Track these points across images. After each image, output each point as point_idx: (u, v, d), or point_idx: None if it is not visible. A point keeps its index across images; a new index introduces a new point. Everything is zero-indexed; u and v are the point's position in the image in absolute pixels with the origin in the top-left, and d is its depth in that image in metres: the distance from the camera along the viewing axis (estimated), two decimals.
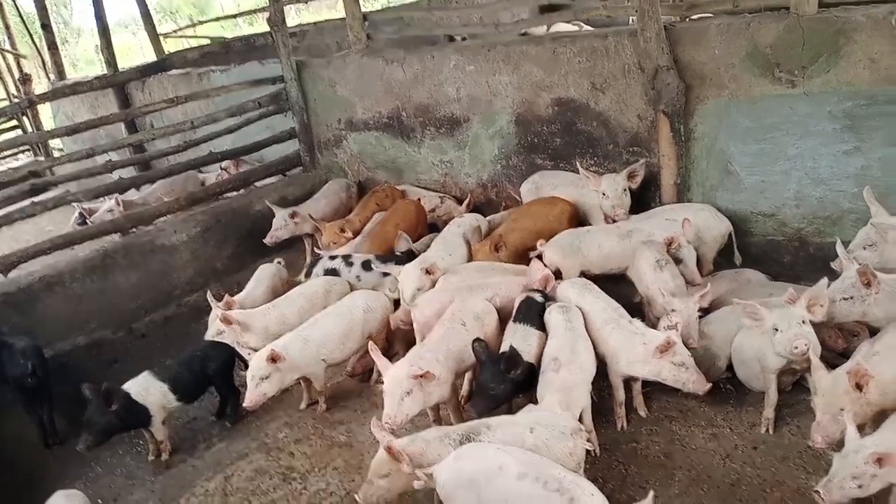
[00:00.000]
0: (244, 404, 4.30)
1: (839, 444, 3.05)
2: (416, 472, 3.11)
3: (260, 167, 7.88)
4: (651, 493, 2.76)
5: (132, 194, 8.27)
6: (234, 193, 7.59)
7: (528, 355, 3.96)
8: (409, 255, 5.52)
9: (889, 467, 2.81)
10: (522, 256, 5.18)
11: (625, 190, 5.11)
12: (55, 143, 12.31)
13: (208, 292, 5.29)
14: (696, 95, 5.06)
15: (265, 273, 5.81)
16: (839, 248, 3.95)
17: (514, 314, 4.31)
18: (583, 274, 4.84)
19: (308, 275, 5.55)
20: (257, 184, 7.73)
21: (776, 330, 3.52)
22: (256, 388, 4.26)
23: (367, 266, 5.44)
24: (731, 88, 4.92)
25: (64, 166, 7.33)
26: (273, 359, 4.26)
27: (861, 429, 3.02)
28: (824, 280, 3.69)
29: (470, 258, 5.31)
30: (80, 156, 6.77)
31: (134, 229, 6.78)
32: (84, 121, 6.98)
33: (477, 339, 3.96)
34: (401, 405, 3.64)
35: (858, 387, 3.15)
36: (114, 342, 6.05)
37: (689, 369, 3.70)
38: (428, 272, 4.80)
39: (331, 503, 3.85)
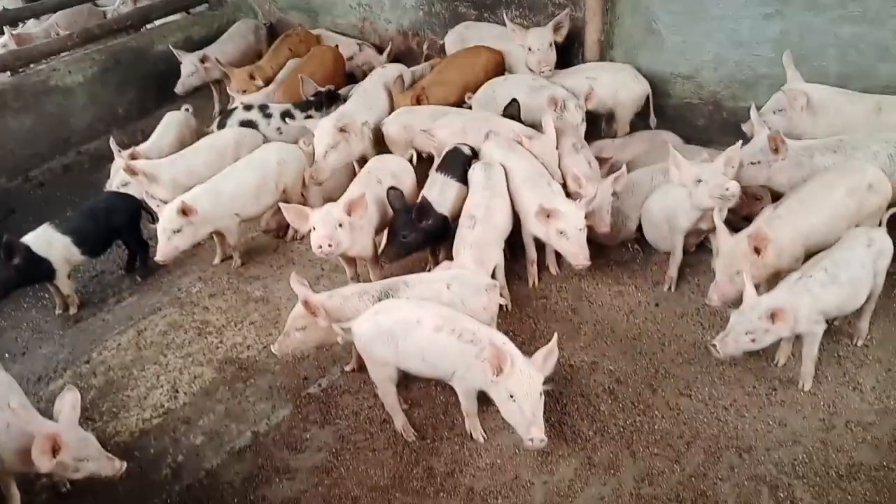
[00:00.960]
0: (156, 258, 4.20)
1: (734, 304, 3.26)
2: (334, 327, 3.16)
3: (161, 2, 7.28)
4: (555, 336, 2.91)
5: (31, 27, 7.56)
6: (132, 32, 7.02)
7: (443, 207, 4.03)
8: (330, 97, 5.33)
9: (780, 322, 3.06)
10: None
11: (551, 44, 4.98)
12: None
13: (111, 139, 5.00)
14: None
15: (172, 121, 5.49)
16: (752, 113, 4.04)
17: (436, 163, 4.32)
18: None
19: (221, 126, 5.26)
20: (158, 21, 7.16)
21: (699, 181, 3.61)
22: (168, 241, 4.15)
23: (287, 116, 5.24)
24: None
25: None
26: (184, 211, 4.13)
27: (756, 290, 3.22)
28: (739, 143, 3.78)
29: (391, 112, 5.13)
30: None
31: (24, 69, 6.22)
32: None
33: (392, 188, 4.01)
34: (335, 233, 3.67)
35: (757, 250, 3.33)
36: (9, 191, 5.73)
37: (571, 241, 3.71)
38: (342, 130, 4.55)
39: (248, 356, 3.89)
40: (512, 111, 4.62)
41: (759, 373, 3.44)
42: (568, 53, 5.38)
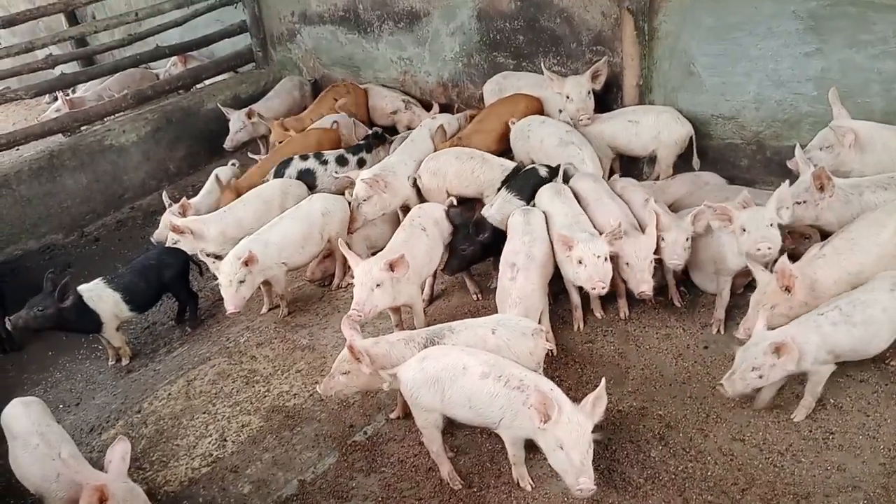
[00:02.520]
0: (228, 310, 4.27)
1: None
2: (381, 374, 3.17)
3: (210, 63, 7.58)
4: (603, 381, 2.87)
5: (83, 91, 7.94)
6: (180, 93, 7.31)
7: (499, 222, 4.29)
8: (377, 138, 5.68)
9: (786, 355, 3.01)
10: None
11: (589, 93, 5.03)
12: None
13: (163, 192, 5.17)
14: None
15: (220, 176, 5.68)
16: (797, 151, 3.99)
17: (508, 176, 4.66)
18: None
19: (278, 175, 5.41)
20: (208, 81, 7.44)
21: (744, 230, 3.58)
22: (237, 292, 4.25)
23: (341, 162, 5.46)
24: None
25: (2, 61, 6.93)
26: (247, 262, 4.24)
27: None
28: (786, 183, 3.74)
29: None
30: (18, 50, 6.39)
31: (81, 129, 6.51)
32: (21, 11, 6.57)
33: (451, 206, 4.37)
34: (370, 295, 3.70)
35: (787, 288, 3.27)
36: (66, 246, 5.96)
37: (588, 267, 3.70)
38: (375, 183, 4.63)
39: (295, 404, 3.92)
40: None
41: (815, 416, 3.33)
42: (606, 99, 5.41)
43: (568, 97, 5.01)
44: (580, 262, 3.74)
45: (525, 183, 4.53)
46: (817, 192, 3.73)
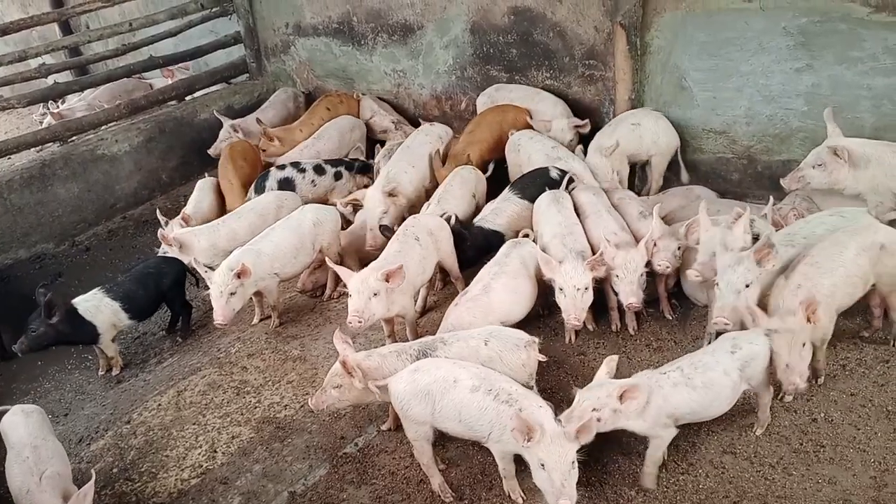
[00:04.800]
0: (217, 321, 4.24)
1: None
2: (370, 385, 3.16)
3: (204, 74, 7.58)
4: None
5: (73, 101, 7.93)
6: (174, 103, 7.31)
7: (493, 224, 4.48)
8: (365, 168, 5.73)
9: (630, 401, 2.91)
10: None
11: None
12: None
13: (157, 211, 5.17)
14: (653, 8, 4.99)
15: (205, 186, 5.70)
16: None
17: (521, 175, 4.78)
18: None
19: (258, 189, 5.45)
20: (201, 92, 7.44)
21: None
22: (227, 303, 4.22)
23: (319, 170, 5.59)
24: (688, 1, 4.85)
25: None
26: (240, 275, 4.21)
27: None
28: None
29: (431, 174, 5.30)
30: (11, 59, 6.38)
31: (73, 138, 6.50)
32: (15, 20, 6.57)
33: (451, 216, 4.46)
34: (368, 303, 3.70)
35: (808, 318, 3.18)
36: (57, 255, 5.93)
37: (567, 298, 3.73)
38: (391, 195, 4.77)
39: (286, 415, 3.90)
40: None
41: (806, 429, 3.34)
42: (599, 112, 5.46)
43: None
44: (560, 290, 3.77)
45: (532, 182, 4.64)
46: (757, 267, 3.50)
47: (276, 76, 7.51)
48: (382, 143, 6.34)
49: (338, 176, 5.64)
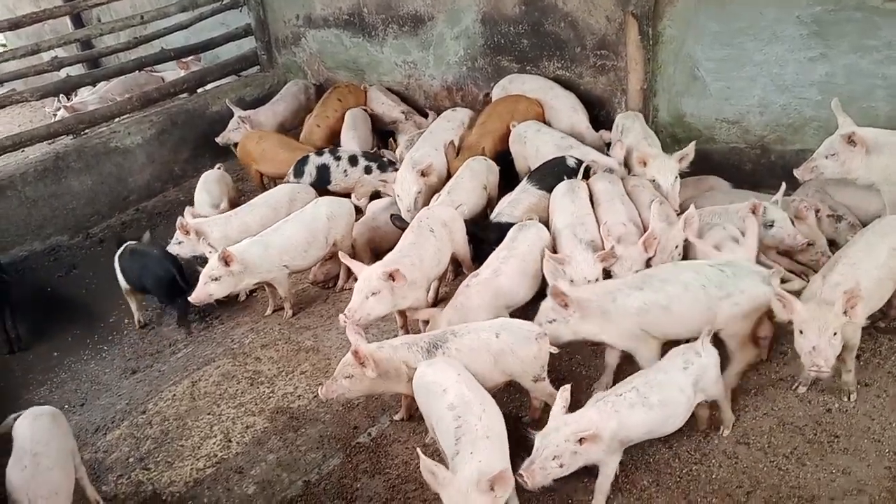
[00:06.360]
0: (190, 298, 4.31)
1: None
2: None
3: (215, 66, 7.60)
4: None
5: (85, 95, 7.97)
6: (185, 95, 7.34)
7: (508, 216, 4.37)
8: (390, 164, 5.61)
9: (589, 444, 2.81)
10: None
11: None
12: None
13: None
14: None
15: (211, 178, 5.71)
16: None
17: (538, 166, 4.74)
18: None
19: (297, 173, 5.51)
20: (212, 84, 7.46)
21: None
22: (205, 286, 4.26)
23: (353, 161, 5.56)
24: None
25: (8, 63, 6.96)
26: (226, 260, 4.23)
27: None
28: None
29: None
30: (24, 52, 6.42)
31: (86, 131, 6.53)
32: (27, 14, 6.60)
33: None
34: (364, 303, 3.71)
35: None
36: (71, 248, 5.97)
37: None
38: (424, 174, 4.82)
39: (299, 405, 3.93)
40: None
41: (820, 419, 3.33)
42: (611, 102, 5.44)
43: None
44: (571, 282, 3.75)
45: (550, 172, 4.62)
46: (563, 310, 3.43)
47: (287, 68, 7.52)
48: (389, 133, 6.36)
49: (367, 170, 5.53)
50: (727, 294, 3.30)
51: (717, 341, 3.32)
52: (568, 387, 3.00)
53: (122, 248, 4.87)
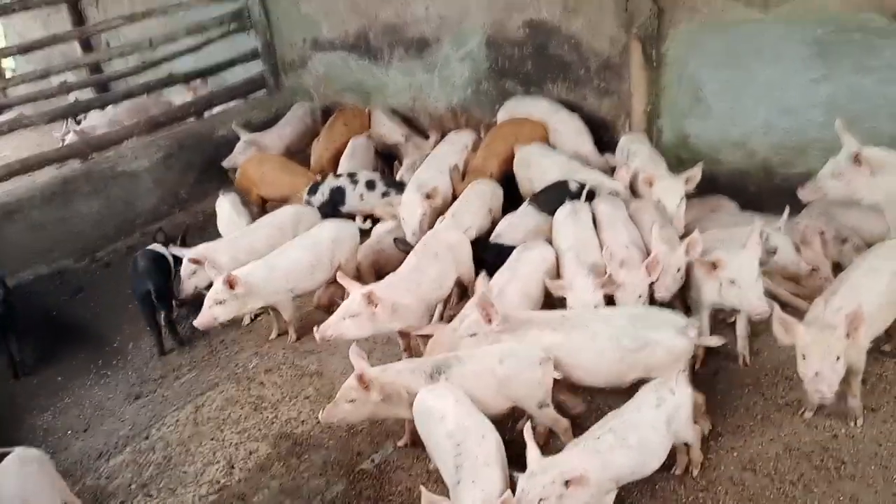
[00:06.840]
0: (195, 323, 4.33)
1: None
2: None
3: (223, 90, 7.65)
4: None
5: (95, 118, 8.03)
6: (192, 119, 7.38)
7: (508, 238, 4.41)
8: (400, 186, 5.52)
9: (576, 487, 2.73)
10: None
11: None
12: (6, 62, 11.78)
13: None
14: (668, 19, 4.96)
15: (226, 203, 5.67)
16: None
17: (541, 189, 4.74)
18: None
19: (311, 192, 5.50)
20: (220, 107, 7.52)
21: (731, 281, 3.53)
22: (209, 309, 4.27)
23: (370, 185, 5.51)
24: (703, 12, 4.83)
25: (17, 88, 7.04)
26: (230, 283, 4.22)
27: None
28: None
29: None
30: (33, 76, 6.49)
31: (94, 155, 6.58)
32: (37, 39, 6.68)
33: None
34: (340, 323, 3.75)
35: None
36: (77, 271, 5.98)
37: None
38: (429, 197, 4.83)
39: (303, 431, 3.91)
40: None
41: (827, 445, 3.29)
42: (615, 125, 5.45)
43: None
44: (571, 307, 3.76)
45: (552, 195, 4.63)
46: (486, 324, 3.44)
47: (294, 91, 7.56)
48: (393, 157, 6.37)
49: (385, 195, 5.47)
50: (642, 345, 3.26)
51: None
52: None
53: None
